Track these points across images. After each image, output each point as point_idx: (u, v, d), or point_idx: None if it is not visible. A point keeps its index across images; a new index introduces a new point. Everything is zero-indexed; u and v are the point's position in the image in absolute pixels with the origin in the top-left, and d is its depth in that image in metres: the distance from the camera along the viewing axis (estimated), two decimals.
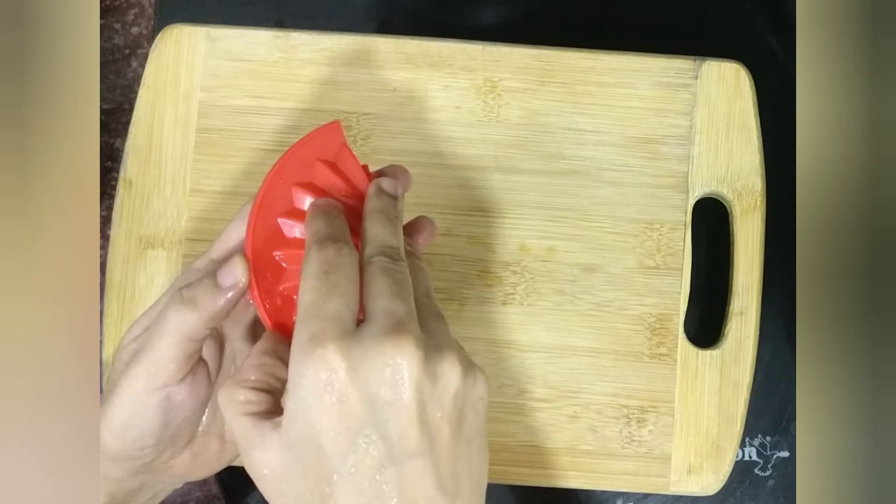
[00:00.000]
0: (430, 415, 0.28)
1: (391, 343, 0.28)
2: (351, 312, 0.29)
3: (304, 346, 0.28)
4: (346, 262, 0.30)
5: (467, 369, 0.29)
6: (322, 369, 0.28)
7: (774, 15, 0.52)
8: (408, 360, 0.28)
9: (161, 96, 0.45)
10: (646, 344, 0.44)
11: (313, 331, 0.28)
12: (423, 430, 0.28)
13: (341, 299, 0.29)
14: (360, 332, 0.29)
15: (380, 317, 0.29)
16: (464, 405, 0.29)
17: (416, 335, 0.28)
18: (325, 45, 0.45)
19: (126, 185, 0.45)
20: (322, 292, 0.29)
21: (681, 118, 0.45)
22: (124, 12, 0.53)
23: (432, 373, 0.28)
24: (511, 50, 0.45)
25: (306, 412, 0.28)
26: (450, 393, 0.29)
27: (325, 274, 0.30)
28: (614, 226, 0.45)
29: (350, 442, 0.28)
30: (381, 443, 0.28)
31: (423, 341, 0.28)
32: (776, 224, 0.45)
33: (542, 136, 0.45)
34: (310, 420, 0.28)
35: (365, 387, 0.28)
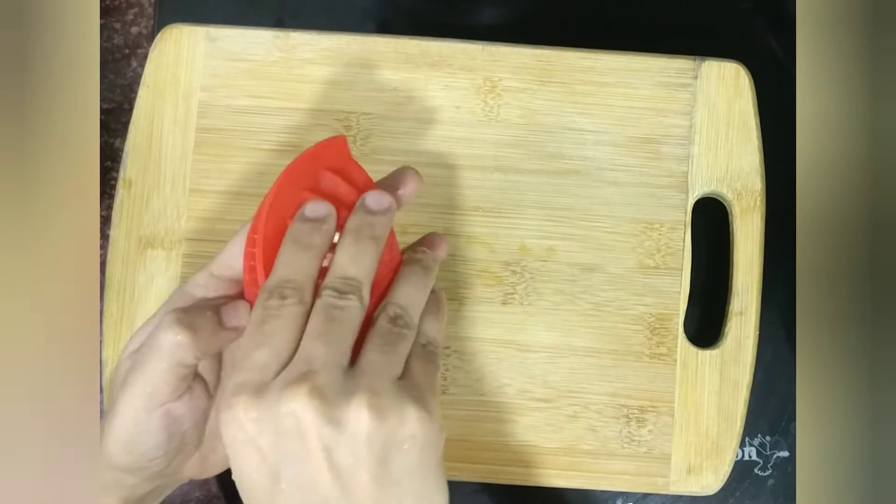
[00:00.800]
0: (341, 462, 0.28)
1: (288, 393, 0.28)
2: (278, 361, 0.30)
3: (228, 395, 0.29)
4: (287, 312, 0.30)
5: (384, 411, 0.29)
6: (235, 421, 0.29)
7: (774, 15, 0.52)
8: (303, 410, 0.28)
9: (161, 96, 0.45)
10: (645, 344, 0.44)
11: (237, 381, 0.29)
12: (335, 477, 0.28)
13: (270, 349, 0.30)
14: (273, 382, 0.29)
15: (295, 361, 0.29)
16: (385, 448, 0.29)
17: (318, 382, 0.28)
18: (324, 45, 0.45)
19: (126, 185, 0.44)
20: (255, 341, 0.30)
21: (680, 118, 0.45)
22: (124, 12, 0.53)
23: (335, 420, 0.28)
24: (511, 50, 0.45)
25: (234, 461, 0.29)
26: (360, 438, 0.28)
27: (262, 323, 0.30)
28: (614, 226, 0.45)
29: (272, 490, 0.29)
30: (297, 491, 0.28)
31: (325, 387, 0.28)
32: (776, 224, 0.45)
33: (541, 135, 0.45)
34: (238, 469, 0.29)
35: (273, 438, 0.28)
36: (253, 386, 0.29)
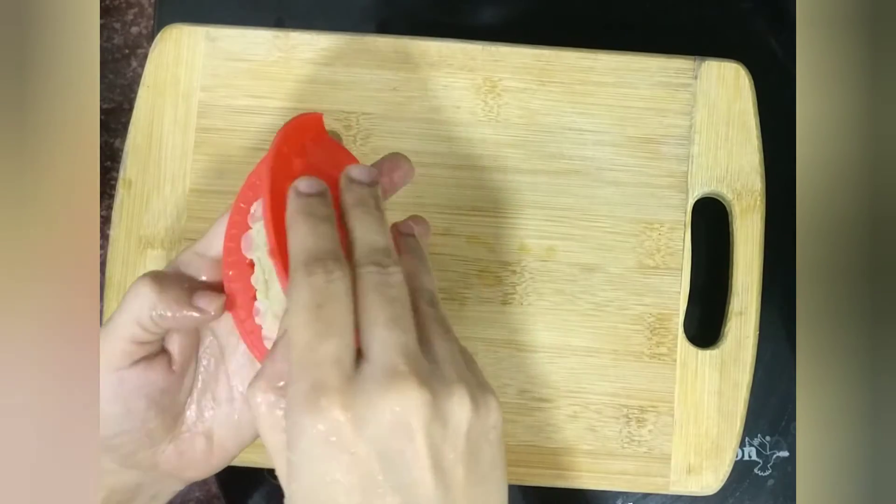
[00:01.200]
0: (444, 459, 0.27)
1: (394, 389, 0.26)
2: (349, 351, 0.27)
3: (305, 398, 0.26)
4: (339, 290, 0.28)
5: (477, 401, 0.27)
6: (326, 423, 0.26)
7: (774, 15, 0.52)
8: (414, 407, 0.26)
9: (161, 96, 0.45)
10: (645, 344, 0.44)
11: (313, 380, 0.26)
12: (438, 476, 0.26)
13: (339, 339, 0.27)
14: (362, 377, 0.26)
15: (379, 354, 0.27)
16: (478, 440, 0.28)
17: (420, 374, 0.26)
18: (324, 45, 0.45)
19: (126, 185, 0.44)
20: (317, 330, 0.27)
21: (680, 118, 0.45)
22: (124, 12, 0.53)
23: (442, 415, 0.26)
24: (511, 50, 0.45)
25: (313, 467, 0.26)
26: (461, 431, 0.27)
27: (318, 307, 0.27)
28: (614, 226, 0.45)
29: (364, 496, 0.26)
30: (395, 495, 0.26)
31: (428, 380, 0.26)
32: (776, 224, 0.45)
33: (541, 135, 0.45)
34: (318, 475, 0.26)
35: (373, 439, 0.26)
36: (337, 384, 0.26)
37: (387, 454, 0.26)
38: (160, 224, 0.44)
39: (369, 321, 0.27)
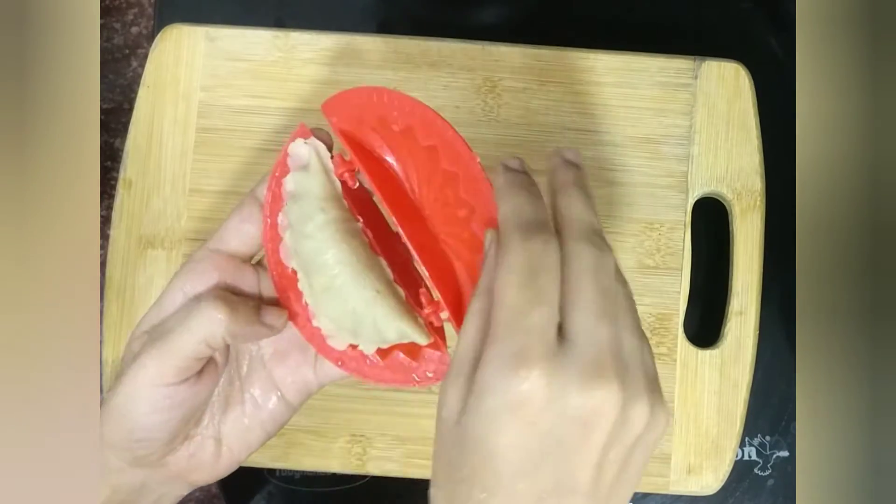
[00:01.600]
0: (607, 458, 0.27)
1: (595, 384, 0.26)
2: (555, 324, 0.27)
3: (508, 361, 0.26)
4: (553, 262, 0.27)
5: (655, 412, 0.27)
6: (522, 389, 0.26)
7: (774, 15, 0.52)
8: (608, 407, 0.26)
9: (161, 96, 0.45)
10: None
11: (520, 345, 0.26)
12: (596, 472, 0.27)
13: (548, 309, 0.27)
14: (566, 358, 0.26)
15: (587, 343, 0.27)
16: (636, 446, 0.28)
17: (620, 377, 0.27)
18: (324, 45, 0.45)
19: (126, 185, 0.45)
20: (528, 298, 0.27)
21: (680, 118, 0.45)
22: (124, 12, 0.53)
23: (624, 421, 0.27)
24: (510, 50, 0.45)
25: (491, 426, 0.26)
26: (631, 436, 0.27)
27: (533, 275, 0.27)
28: (614, 226, 0.45)
29: (524, 464, 0.26)
30: (552, 474, 0.27)
31: (625, 384, 0.27)
32: (776, 224, 0.45)
33: (541, 135, 0.45)
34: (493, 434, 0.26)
35: (559, 419, 0.26)
36: (542, 356, 0.26)
37: (563, 438, 0.26)
38: (160, 224, 0.44)
39: (580, 305, 0.27)
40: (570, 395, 0.26)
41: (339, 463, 0.44)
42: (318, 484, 0.49)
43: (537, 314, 0.27)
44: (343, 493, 0.49)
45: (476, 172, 0.32)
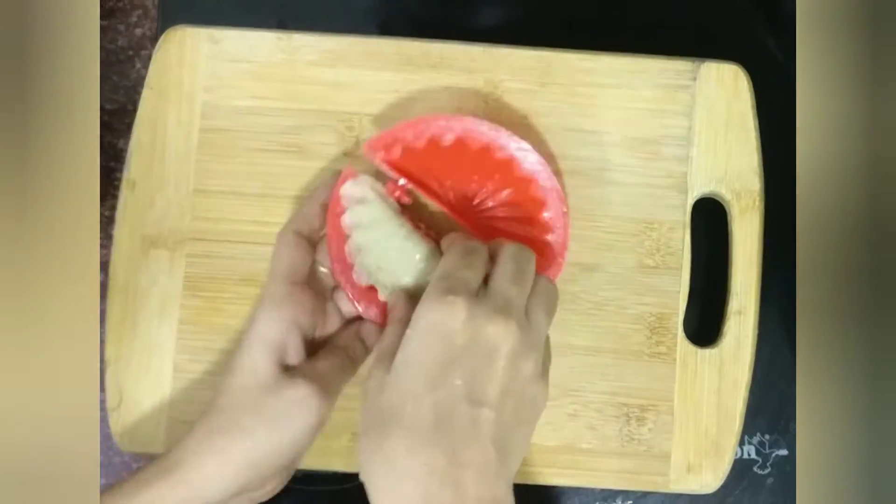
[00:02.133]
0: (507, 384, 0.34)
1: (501, 318, 0.34)
2: (478, 285, 0.36)
3: (437, 294, 0.35)
4: (483, 250, 0.38)
5: (538, 373, 0.36)
6: (447, 312, 0.34)
7: (773, 17, 0.52)
8: (509, 339, 0.34)
9: (164, 97, 0.45)
10: (645, 343, 0.44)
11: (447, 285, 0.35)
12: (500, 392, 0.34)
13: (474, 272, 0.36)
14: (483, 299, 0.35)
15: (499, 294, 0.35)
16: (527, 395, 0.35)
17: (521, 324, 0.35)
18: (327, 47, 0.45)
19: (129, 186, 0.45)
20: (460, 264, 0.37)
21: (680, 119, 0.45)
22: (128, 14, 0.53)
23: (518, 356, 0.35)
24: (511, 51, 0.45)
25: (419, 342, 0.35)
26: (521, 377, 0.35)
27: (465, 254, 0.37)
28: (614, 225, 0.45)
29: (443, 373, 0.34)
30: (464, 385, 0.34)
31: (523, 331, 0.35)
32: (776, 224, 0.45)
33: (542, 136, 0.45)
34: (420, 348, 0.35)
35: (472, 338, 0.34)
36: (465, 294, 0.35)
37: (474, 354, 0.34)
38: (164, 224, 0.44)
39: (499, 272, 0.36)
40: (480, 321, 0.34)
41: (340, 462, 0.44)
42: (319, 483, 0.49)
43: (466, 272, 0.36)
44: (343, 493, 0.49)
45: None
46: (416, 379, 0.34)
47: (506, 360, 0.34)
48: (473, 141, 0.42)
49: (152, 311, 0.44)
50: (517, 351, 0.35)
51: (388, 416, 0.34)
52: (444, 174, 0.43)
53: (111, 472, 0.51)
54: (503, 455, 0.34)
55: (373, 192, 0.41)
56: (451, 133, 0.42)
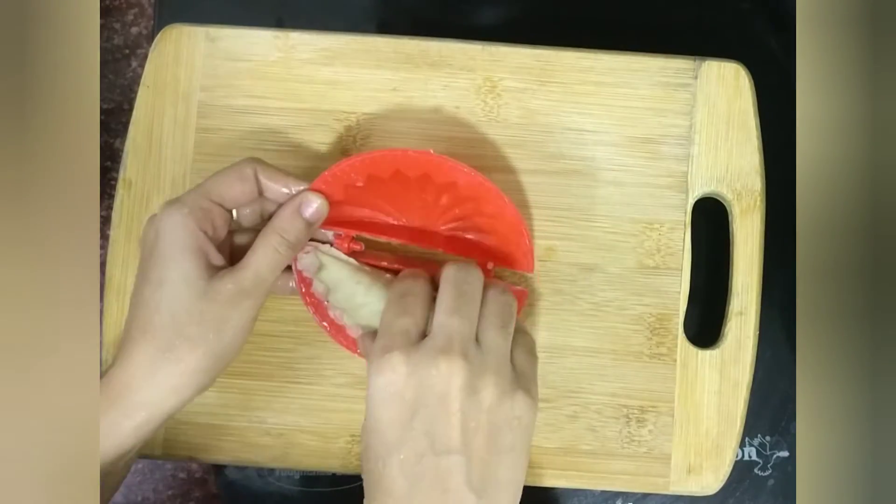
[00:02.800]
0: (468, 423, 0.34)
1: (443, 359, 0.34)
2: (417, 329, 0.36)
3: (378, 354, 0.35)
4: (420, 288, 0.37)
5: (505, 392, 0.35)
6: (388, 371, 0.34)
7: (774, 15, 0.52)
8: (455, 376, 0.34)
9: (161, 96, 0.45)
10: (645, 344, 0.44)
11: (384, 343, 0.35)
12: (462, 433, 0.34)
13: (410, 318, 0.36)
14: (423, 345, 0.35)
15: (438, 333, 0.35)
16: (500, 422, 0.34)
17: (466, 355, 0.34)
18: (324, 45, 0.45)
19: (126, 185, 0.45)
20: (396, 312, 0.36)
21: (680, 118, 0.45)
22: (124, 12, 0.53)
23: (474, 388, 0.34)
24: (510, 50, 0.45)
25: (374, 406, 0.34)
26: (484, 408, 0.34)
27: (402, 297, 0.37)
28: (614, 226, 0.45)
29: (402, 432, 0.34)
30: (424, 437, 0.33)
31: (471, 360, 0.34)
32: (776, 224, 0.45)
33: (541, 135, 0.45)
34: (376, 412, 0.34)
35: (419, 389, 0.34)
36: (402, 347, 0.35)
37: (426, 404, 0.34)
38: None
39: (439, 308, 0.36)
40: (422, 368, 0.34)
41: (339, 463, 0.44)
42: (318, 484, 0.49)
43: (401, 322, 0.36)
44: (343, 494, 0.49)
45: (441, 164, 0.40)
46: (381, 444, 0.34)
47: (459, 399, 0.34)
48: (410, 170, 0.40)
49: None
50: (469, 384, 0.34)
51: (368, 477, 0.35)
52: (395, 202, 0.42)
53: None
54: (485, 495, 0.34)
55: (326, 257, 0.41)
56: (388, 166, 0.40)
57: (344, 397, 0.44)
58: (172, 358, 0.36)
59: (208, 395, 0.44)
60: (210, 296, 0.37)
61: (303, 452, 0.44)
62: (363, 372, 0.44)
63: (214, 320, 0.36)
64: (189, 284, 0.36)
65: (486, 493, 0.34)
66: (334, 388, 0.44)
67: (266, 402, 0.44)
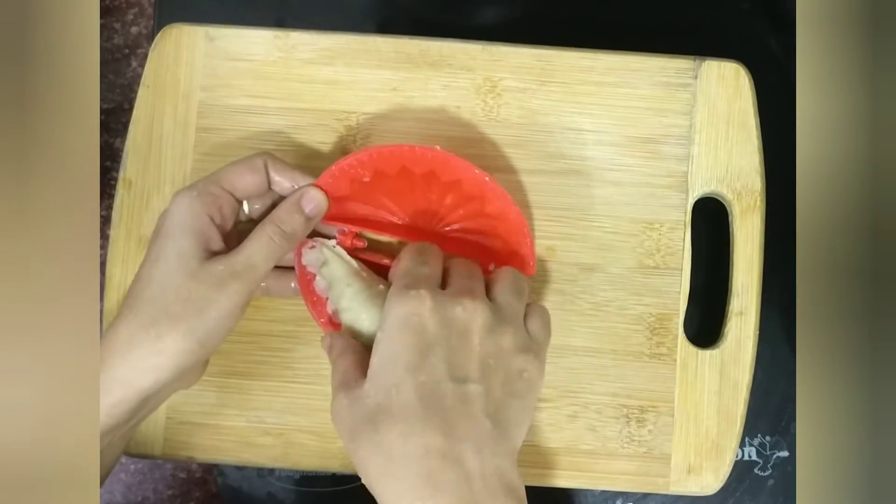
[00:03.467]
0: (487, 360, 0.35)
1: (467, 298, 0.36)
2: (437, 280, 0.38)
3: (400, 290, 0.36)
4: (435, 251, 0.40)
5: (518, 346, 0.37)
6: (414, 302, 0.36)
7: (774, 15, 0.52)
8: (478, 317, 0.36)
9: (161, 96, 0.45)
10: (645, 344, 0.44)
11: (408, 282, 0.37)
12: (480, 367, 0.35)
13: (430, 269, 0.38)
14: (444, 292, 0.37)
15: (457, 284, 0.37)
16: (512, 368, 0.36)
17: (487, 303, 0.37)
18: (324, 45, 0.45)
19: (126, 185, 0.45)
20: (417, 262, 0.38)
21: (680, 118, 0.45)
22: (124, 12, 0.53)
23: (494, 331, 0.36)
24: (511, 49, 0.45)
25: (392, 335, 0.35)
26: (501, 351, 0.36)
27: (420, 253, 0.39)
28: (614, 226, 0.45)
29: (422, 358, 0.35)
30: (444, 364, 0.35)
31: (491, 309, 0.36)
32: (776, 224, 0.45)
33: (541, 135, 0.45)
34: (395, 340, 0.35)
35: (442, 322, 0.35)
36: (427, 287, 0.36)
37: (448, 336, 0.35)
38: None
39: (454, 274, 0.39)
40: (447, 305, 0.36)
41: (339, 463, 0.44)
42: (318, 484, 0.49)
43: (423, 268, 0.38)
44: (343, 494, 0.49)
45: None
46: (395, 371, 0.35)
47: (480, 335, 0.36)
48: (416, 166, 0.41)
49: None
50: (490, 325, 0.36)
51: (373, 415, 0.34)
52: (400, 200, 0.42)
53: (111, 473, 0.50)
54: (500, 427, 0.34)
55: (330, 252, 0.41)
56: (395, 162, 0.41)
57: None
58: (153, 334, 0.36)
59: (208, 395, 0.44)
60: (200, 276, 0.37)
61: (302, 452, 0.44)
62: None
63: (200, 300, 0.36)
64: (183, 263, 0.37)
65: (500, 425, 0.34)
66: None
67: (266, 402, 0.44)
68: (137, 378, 0.36)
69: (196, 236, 0.37)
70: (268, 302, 0.44)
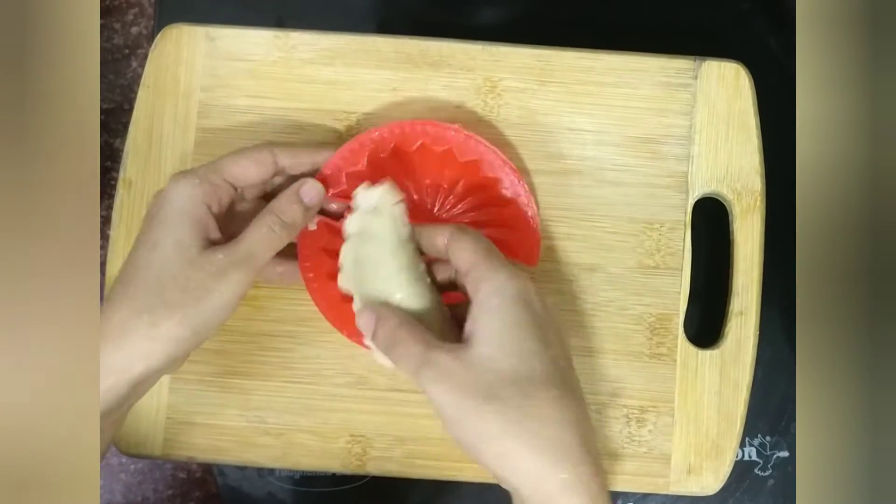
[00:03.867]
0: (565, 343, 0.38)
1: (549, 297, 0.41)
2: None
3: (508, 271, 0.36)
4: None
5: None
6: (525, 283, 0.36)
7: (774, 15, 0.52)
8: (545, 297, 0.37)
9: (161, 96, 0.45)
10: (645, 344, 0.44)
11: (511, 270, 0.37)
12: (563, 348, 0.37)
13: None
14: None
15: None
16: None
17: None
18: (324, 45, 0.45)
19: (126, 185, 0.45)
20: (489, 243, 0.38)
21: (680, 118, 0.45)
22: (124, 12, 0.53)
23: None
24: (511, 50, 0.45)
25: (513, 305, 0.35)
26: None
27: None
28: (614, 226, 0.45)
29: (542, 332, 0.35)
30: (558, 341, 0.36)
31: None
32: (776, 224, 0.45)
33: (541, 135, 0.45)
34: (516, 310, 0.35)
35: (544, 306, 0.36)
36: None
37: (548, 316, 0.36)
38: None
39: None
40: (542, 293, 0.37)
41: (339, 463, 0.44)
42: (318, 484, 0.49)
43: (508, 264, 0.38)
44: (343, 494, 0.49)
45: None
46: (527, 340, 0.35)
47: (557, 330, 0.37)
48: (436, 144, 0.42)
49: None
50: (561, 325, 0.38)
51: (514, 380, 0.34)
52: (415, 179, 0.43)
53: (111, 473, 0.51)
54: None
55: (387, 205, 0.39)
56: (418, 139, 0.42)
57: (343, 397, 0.44)
58: (147, 321, 0.35)
59: (208, 395, 0.44)
60: (199, 265, 0.36)
61: (302, 452, 0.44)
62: (363, 371, 0.44)
63: (198, 289, 0.36)
64: (182, 250, 0.37)
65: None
66: (334, 387, 0.44)
67: (266, 402, 0.44)
68: (130, 365, 0.35)
69: (195, 225, 0.37)
70: (269, 302, 0.44)
